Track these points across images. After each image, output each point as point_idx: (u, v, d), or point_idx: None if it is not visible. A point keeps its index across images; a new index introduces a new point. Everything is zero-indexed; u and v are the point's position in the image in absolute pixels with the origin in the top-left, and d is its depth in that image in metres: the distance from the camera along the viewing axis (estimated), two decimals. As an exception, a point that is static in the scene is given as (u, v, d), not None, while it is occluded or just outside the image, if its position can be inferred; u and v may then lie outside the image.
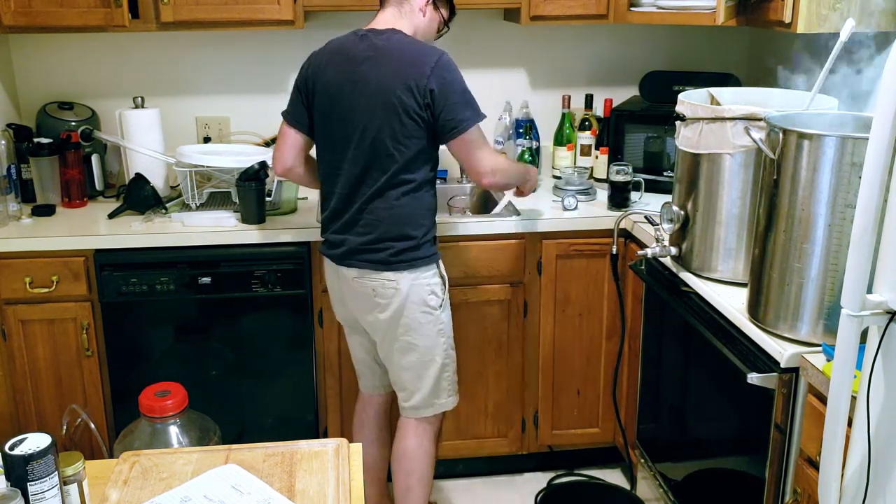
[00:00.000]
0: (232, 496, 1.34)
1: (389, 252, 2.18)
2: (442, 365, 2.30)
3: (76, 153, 2.72)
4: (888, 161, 1.29)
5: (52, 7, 2.57)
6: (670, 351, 2.36)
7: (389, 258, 2.19)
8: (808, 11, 2.18)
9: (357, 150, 2.17)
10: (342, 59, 2.18)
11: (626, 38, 3.15)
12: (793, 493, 1.76)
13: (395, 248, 2.18)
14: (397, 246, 2.18)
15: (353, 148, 2.17)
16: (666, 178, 2.88)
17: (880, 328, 1.35)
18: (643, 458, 2.53)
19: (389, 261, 2.19)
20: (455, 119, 2.12)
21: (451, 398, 2.36)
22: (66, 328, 2.56)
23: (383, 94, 2.11)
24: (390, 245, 2.18)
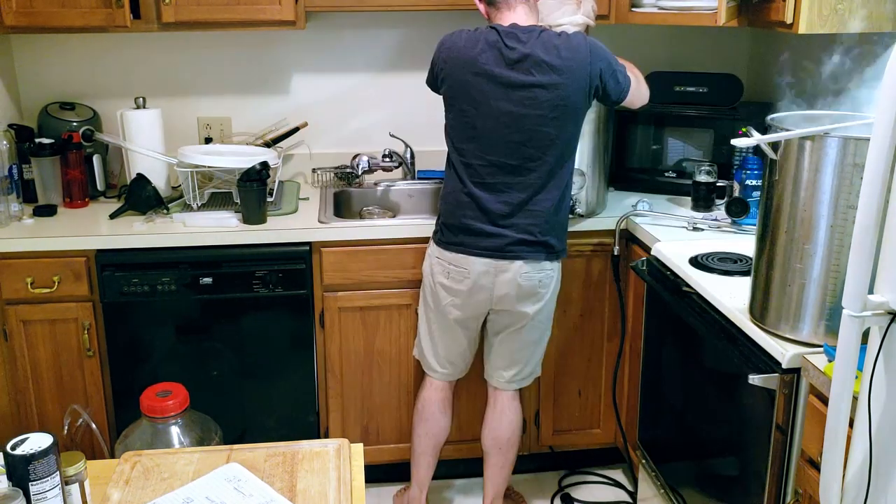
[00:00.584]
0: (234, 497, 1.34)
1: (548, 242, 2.30)
2: (548, 338, 2.51)
3: (78, 153, 2.72)
4: (890, 162, 1.29)
5: (53, 7, 2.57)
6: (671, 351, 2.36)
7: (552, 248, 2.32)
8: (810, 12, 2.18)
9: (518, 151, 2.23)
10: (493, 63, 2.21)
11: (628, 39, 3.15)
12: (794, 493, 1.76)
13: (549, 238, 2.31)
14: (551, 236, 2.31)
15: (513, 149, 2.23)
16: (666, 178, 2.88)
17: (882, 329, 1.35)
18: (644, 459, 2.53)
19: (552, 250, 2.32)
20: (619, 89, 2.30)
21: (540, 367, 2.55)
22: (68, 328, 2.56)
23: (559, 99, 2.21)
24: (545, 238, 2.30)
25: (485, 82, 2.22)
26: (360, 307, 2.65)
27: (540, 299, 2.35)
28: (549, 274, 2.35)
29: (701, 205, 2.69)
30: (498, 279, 2.30)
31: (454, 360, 2.50)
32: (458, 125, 2.29)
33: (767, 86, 3.04)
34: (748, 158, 2.57)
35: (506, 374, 2.47)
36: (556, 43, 2.20)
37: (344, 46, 3.07)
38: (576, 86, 2.21)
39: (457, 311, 2.38)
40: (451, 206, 2.32)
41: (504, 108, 2.21)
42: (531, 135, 2.22)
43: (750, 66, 3.18)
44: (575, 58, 2.20)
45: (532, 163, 2.24)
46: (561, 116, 2.22)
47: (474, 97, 2.23)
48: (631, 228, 2.64)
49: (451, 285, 2.35)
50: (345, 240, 2.59)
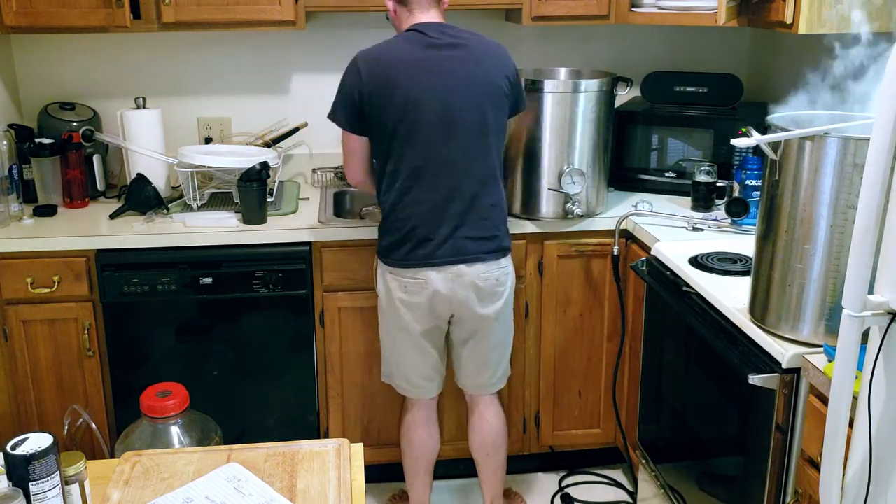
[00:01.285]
0: (234, 497, 1.34)
1: (500, 240, 2.30)
2: (512, 335, 2.50)
3: (78, 153, 2.73)
4: (890, 162, 1.29)
5: (53, 7, 2.57)
6: (671, 351, 2.36)
7: (504, 246, 2.31)
8: (810, 12, 2.18)
9: (463, 141, 2.22)
10: (423, 58, 2.19)
11: (628, 39, 3.15)
12: (794, 493, 1.76)
13: (501, 234, 2.30)
14: (502, 233, 2.31)
15: (458, 140, 2.21)
16: (666, 178, 2.88)
17: (881, 329, 1.35)
18: (644, 459, 2.53)
19: (504, 248, 2.32)
20: (521, 103, 2.38)
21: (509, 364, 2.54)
22: (68, 328, 2.56)
23: (489, 85, 2.23)
24: (498, 234, 2.29)
25: (417, 77, 2.17)
26: (360, 307, 2.65)
27: (499, 298, 2.33)
28: (505, 271, 2.33)
29: (701, 205, 2.69)
30: (455, 284, 2.25)
31: (429, 375, 2.43)
32: (389, 135, 2.21)
33: (767, 86, 3.04)
34: (748, 158, 2.57)
35: (479, 380, 2.45)
36: (478, 38, 2.28)
37: (344, 46, 3.07)
38: (502, 74, 2.25)
39: (418, 326, 2.31)
40: (398, 220, 2.25)
41: (439, 100, 2.18)
42: (469, 125, 2.20)
43: (750, 66, 3.18)
44: (500, 51, 2.29)
45: (474, 156, 2.23)
46: (495, 103, 2.24)
47: (409, 97, 2.16)
48: (631, 228, 2.64)
49: (408, 299, 2.29)
50: (345, 240, 2.59)
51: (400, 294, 2.29)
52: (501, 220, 2.30)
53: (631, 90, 2.72)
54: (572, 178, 2.54)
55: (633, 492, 2.83)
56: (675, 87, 2.91)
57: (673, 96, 2.91)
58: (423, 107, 2.17)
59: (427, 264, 2.23)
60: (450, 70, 2.19)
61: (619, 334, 2.75)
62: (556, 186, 2.56)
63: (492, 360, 2.42)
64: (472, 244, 2.24)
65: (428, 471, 2.55)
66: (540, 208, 2.62)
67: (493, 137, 2.26)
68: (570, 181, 2.54)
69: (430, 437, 2.52)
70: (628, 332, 2.71)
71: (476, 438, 2.51)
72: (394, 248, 2.26)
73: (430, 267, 2.23)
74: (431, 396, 2.49)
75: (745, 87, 2.86)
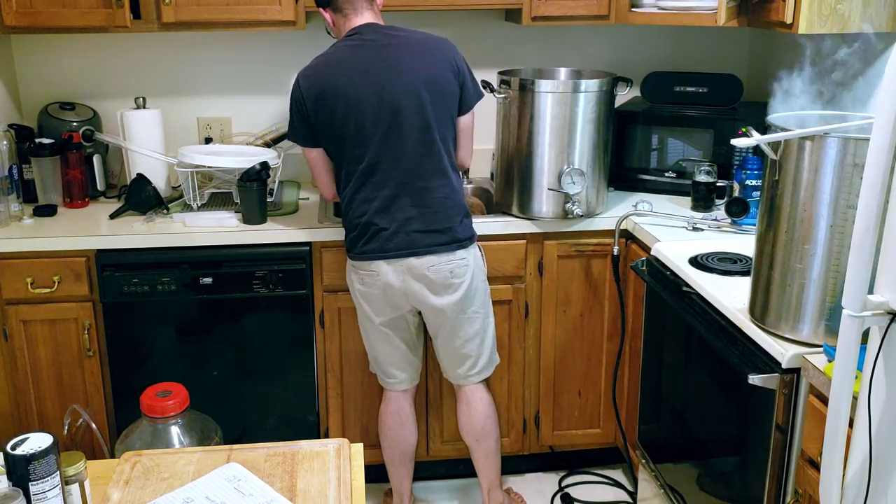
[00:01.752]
0: (234, 497, 1.34)
1: (454, 232, 2.30)
2: (493, 325, 2.50)
3: (78, 153, 2.73)
4: (889, 162, 1.29)
5: (54, 7, 2.57)
6: (671, 351, 2.36)
7: (458, 237, 2.31)
8: (810, 12, 2.18)
9: (408, 137, 2.25)
10: (360, 60, 2.24)
11: (628, 39, 3.15)
12: (794, 493, 1.76)
13: (455, 226, 2.30)
14: (456, 224, 2.31)
15: (403, 136, 2.24)
16: (666, 178, 2.88)
17: (881, 329, 1.35)
18: (644, 459, 2.53)
19: (459, 239, 2.31)
20: (471, 95, 2.36)
21: (497, 354, 2.55)
22: (68, 328, 2.56)
23: (429, 79, 2.25)
24: (451, 225, 2.30)
25: (357, 76, 2.24)
26: (360, 307, 2.65)
27: (456, 290, 2.32)
28: (462, 262, 2.33)
29: (701, 205, 2.69)
30: (406, 277, 2.30)
31: (400, 366, 2.48)
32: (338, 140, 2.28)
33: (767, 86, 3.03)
34: (748, 158, 2.57)
35: (460, 371, 2.47)
36: (416, 33, 2.32)
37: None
38: (443, 66, 2.28)
39: (378, 317, 2.38)
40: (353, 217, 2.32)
41: (379, 99, 2.23)
42: (411, 120, 2.24)
43: (750, 66, 3.18)
44: (439, 44, 2.31)
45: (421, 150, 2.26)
46: (437, 96, 2.26)
47: (350, 100, 2.23)
48: (631, 228, 2.64)
49: (366, 291, 2.36)
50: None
51: (358, 286, 2.38)
52: (455, 212, 2.31)
53: (631, 90, 2.72)
54: (572, 178, 2.54)
55: (633, 492, 2.83)
56: (675, 87, 2.91)
57: (673, 96, 2.91)
58: (364, 108, 2.23)
59: (378, 257, 2.30)
60: (386, 68, 2.24)
61: (619, 334, 2.75)
62: (555, 186, 2.56)
63: (468, 353, 2.44)
64: (423, 237, 2.27)
65: (402, 461, 2.59)
66: (540, 208, 2.62)
67: (439, 131, 2.27)
68: (570, 181, 2.54)
69: (402, 428, 2.55)
70: (628, 332, 2.71)
71: (464, 425, 2.54)
72: (352, 243, 2.35)
73: (382, 259, 2.30)
74: (404, 388, 2.52)
75: (745, 87, 2.86)
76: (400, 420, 2.54)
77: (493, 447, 2.55)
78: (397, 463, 2.59)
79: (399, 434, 2.55)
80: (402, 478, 2.61)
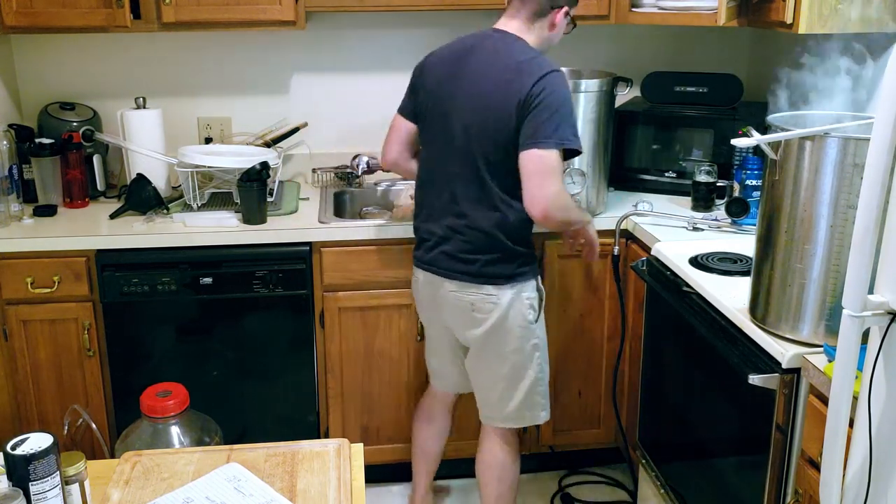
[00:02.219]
0: (234, 497, 1.34)
1: (481, 266, 2.15)
2: (535, 379, 2.27)
3: (78, 153, 2.72)
4: (890, 162, 1.29)
5: (54, 7, 2.57)
6: (671, 351, 2.36)
7: (485, 273, 2.14)
8: (810, 12, 2.18)
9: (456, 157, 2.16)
10: (454, 58, 2.19)
11: (628, 39, 3.15)
12: (794, 493, 1.76)
13: (483, 261, 2.14)
14: (487, 259, 2.14)
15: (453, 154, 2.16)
16: (666, 178, 2.88)
17: (882, 329, 1.35)
18: (644, 459, 2.53)
19: (486, 275, 2.14)
20: (538, 132, 2.01)
21: (543, 412, 2.33)
22: (68, 328, 2.56)
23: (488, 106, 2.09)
24: (480, 258, 2.15)
25: (445, 84, 2.18)
26: (360, 307, 2.65)
27: (479, 325, 2.19)
28: (490, 299, 2.16)
29: (701, 205, 2.69)
30: (438, 293, 2.26)
31: (436, 371, 2.48)
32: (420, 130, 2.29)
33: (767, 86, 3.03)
34: (748, 158, 2.57)
35: (481, 408, 2.36)
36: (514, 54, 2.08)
37: (344, 46, 3.08)
38: (509, 96, 2.04)
39: (425, 321, 2.42)
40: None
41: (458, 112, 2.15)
42: (467, 146, 2.12)
43: (750, 66, 3.18)
44: (522, 71, 2.04)
45: (471, 177, 2.13)
46: (483, 124, 2.09)
47: (431, 97, 2.22)
48: (631, 228, 2.64)
49: (413, 293, 2.40)
50: (345, 240, 2.59)
51: (413, 284, 2.39)
52: (491, 248, 2.14)
53: (631, 90, 2.72)
54: (572, 178, 2.54)
55: (633, 492, 2.83)
56: (675, 87, 2.91)
57: (673, 96, 2.91)
58: (436, 112, 2.21)
59: (417, 264, 2.31)
60: (461, 81, 2.13)
61: (619, 334, 2.75)
62: None
63: (490, 394, 2.30)
64: (448, 260, 2.20)
65: (422, 457, 2.60)
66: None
67: (485, 160, 2.10)
68: (570, 181, 2.54)
69: (428, 425, 2.56)
70: (628, 332, 2.71)
71: (477, 461, 2.44)
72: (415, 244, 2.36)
73: (419, 268, 2.31)
74: (441, 390, 2.52)
75: (745, 87, 2.86)
76: (428, 415, 2.55)
77: (495, 494, 2.38)
78: (418, 457, 2.61)
79: (423, 431, 2.56)
80: (418, 473, 2.62)
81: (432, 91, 2.21)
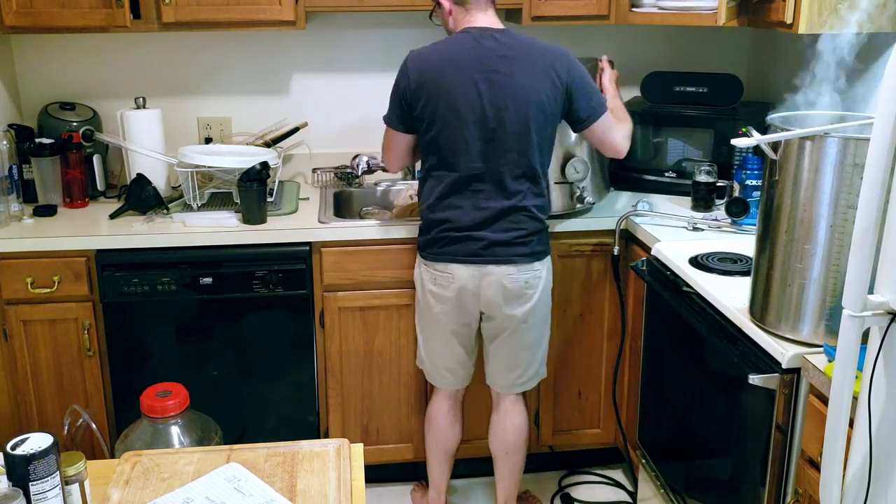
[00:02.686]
0: (234, 497, 1.34)
1: (533, 245, 2.31)
2: (548, 337, 2.49)
3: (78, 153, 2.72)
4: (890, 162, 1.29)
5: (53, 7, 2.57)
6: (671, 351, 2.36)
7: (537, 251, 2.33)
8: (810, 12, 2.18)
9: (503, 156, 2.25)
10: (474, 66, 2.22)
11: (628, 39, 3.15)
12: (794, 493, 1.76)
13: (535, 239, 2.32)
14: (536, 237, 2.33)
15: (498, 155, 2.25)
16: (666, 178, 2.88)
17: (882, 329, 1.35)
18: (644, 459, 2.53)
19: (537, 252, 2.33)
20: (590, 107, 2.31)
21: (545, 367, 2.53)
22: (68, 328, 2.56)
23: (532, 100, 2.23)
24: (532, 237, 2.31)
25: (466, 84, 2.22)
26: (360, 307, 2.65)
27: (528, 300, 2.34)
28: (537, 274, 2.34)
29: (701, 205, 2.69)
30: (483, 282, 2.30)
31: (453, 369, 2.48)
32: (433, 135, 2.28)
33: (767, 86, 3.04)
34: (748, 158, 2.57)
35: (506, 379, 2.47)
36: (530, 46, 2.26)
37: (344, 46, 3.08)
38: (546, 86, 2.23)
39: (447, 318, 2.39)
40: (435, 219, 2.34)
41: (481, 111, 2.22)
42: (509, 141, 2.24)
43: (750, 66, 3.18)
44: (546, 60, 2.24)
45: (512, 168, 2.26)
46: (537, 118, 2.24)
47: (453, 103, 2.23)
48: (631, 228, 2.64)
49: (438, 292, 2.36)
50: (345, 240, 2.59)
51: (431, 286, 2.38)
52: (535, 227, 2.32)
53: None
54: (575, 167, 2.54)
55: (633, 492, 2.83)
56: (675, 87, 2.91)
57: (673, 96, 2.91)
58: (467, 118, 2.23)
59: (456, 260, 2.31)
60: (498, 83, 2.21)
61: (619, 334, 2.75)
62: (560, 179, 2.56)
63: (521, 361, 2.43)
64: (503, 249, 2.28)
65: (446, 458, 2.61)
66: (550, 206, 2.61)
67: (535, 152, 2.26)
68: (573, 171, 2.55)
69: (450, 427, 2.57)
70: (628, 332, 2.71)
71: (496, 436, 2.54)
72: (428, 244, 2.36)
73: (459, 263, 2.31)
74: (455, 389, 2.53)
75: (745, 87, 2.86)
76: (450, 419, 2.56)
77: (520, 462, 2.56)
78: (441, 459, 2.61)
79: (447, 433, 2.57)
80: (442, 473, 2.63)
81: (447, 97, 2.23)
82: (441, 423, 2.56)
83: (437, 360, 2.49)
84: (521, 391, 2.50)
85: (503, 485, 2.58)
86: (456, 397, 2.56)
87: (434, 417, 2.57)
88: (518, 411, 2.51)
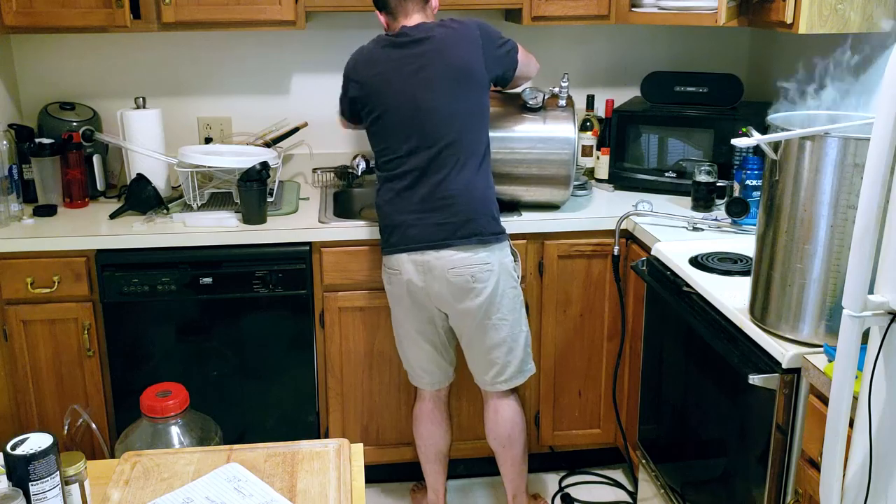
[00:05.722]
0: (234, 497, 1.34)
1: (475, 226, 2.28)
2: (527, 333, 2.45)
3: (78, 153, 2.73)
4: (890, 162, 1.29)
5: (53, 7, 2.57)
6: (671, 351, 2.36)
7: (481, 232, 2.28)
8: (810, 12, 2.18)
9: (436, 141, 2.27)
10: (394, 63, 2.29)
11: (628, 39, 3.15)
12: (794, 493, 1.76)
13: (482, 225, 2.28)
14: (482, 223, 2.29)
15: (430, 141, 2.27)
16: (666, 178, 2.88)
17: (882, 329, 1.35)
18: (644, 459, 2.53)
19: (485, 240, 2.28)
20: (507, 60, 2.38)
21: (532, 364, 2.50)
22: (68, 328, 2.56)
23: (461, 71, 2.28)
24: (473, 218, 2.28)
25: (392, 75, 2.29)
26: (360, 307, 2.65)
27: (478, 294, 2.30)
28: (486, 267, 2.30)
29: (701, 205, 2.69)
30: (427, 277, 2.30)
31: (428, 369, 2.48)
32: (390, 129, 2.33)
33: (767, 86, 3.04)
34: (748, 158, 2.57)
35: (486, 377, 2.45)
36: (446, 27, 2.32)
37: (344, 46, 3.06)
38: (473, 54, 2.29)
39: (406, 318, 2.41)
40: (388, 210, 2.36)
41: (409, 90, 2.27)
42: (441, 117, 2.27)
43: (750, 66, 3.18)
44: (465, 32, 2.31)
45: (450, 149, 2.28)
46: (470, 86, 2.29)
47: (387, 95, 2.30)
48: (631, 228, 2.64)
49: (392, 290, 2.38)
50: (345, 240, 2.59)
51: (387, 286, 2.42)
52: (482, 210, 2.30)
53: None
54: (533, 92, 2.60)
55: (633, 492, 2.83)
56: (675, 87, 2.91)
57: (673, 96, 2.91)
58: (398, 113, 2.28)
59: (400, 250, 2.31)
60: (415, 68, 2.27)
61: (619, 334, 2.75)
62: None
63: (494, 360, 2.40)
64: (439, 230, 2.27)
65: (438, 459, 2.61)
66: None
67: (469, 129, 2.29)
68: (531, 95, 2.59)
69: (437, 427, 2.56)
70: (628, 332, 2.71)
71: (490, 431, 2.54)
72: (384, 240, 2.37)
73: (404, 252, 2.31)
74: (434, 389, 2.52)
75: (745, 87, 2.86)
76: (435, 420, 2.56)
77: (519, 455, 2.54)
78: (433, 460, 2.61)
79: (434, 433, 2.56)
80: (436, 474, 2.63)
81: (392, 92, 2.29)
82: (427, 423, 2.56)
83: (412, 361, 2.49)
84: (507, 388, 2.47)
85: (508, 479, 2.58)
86: (438, 397, 2.55)
87: (418, 418, 2.57)
88: (507, 405, 2.49)
